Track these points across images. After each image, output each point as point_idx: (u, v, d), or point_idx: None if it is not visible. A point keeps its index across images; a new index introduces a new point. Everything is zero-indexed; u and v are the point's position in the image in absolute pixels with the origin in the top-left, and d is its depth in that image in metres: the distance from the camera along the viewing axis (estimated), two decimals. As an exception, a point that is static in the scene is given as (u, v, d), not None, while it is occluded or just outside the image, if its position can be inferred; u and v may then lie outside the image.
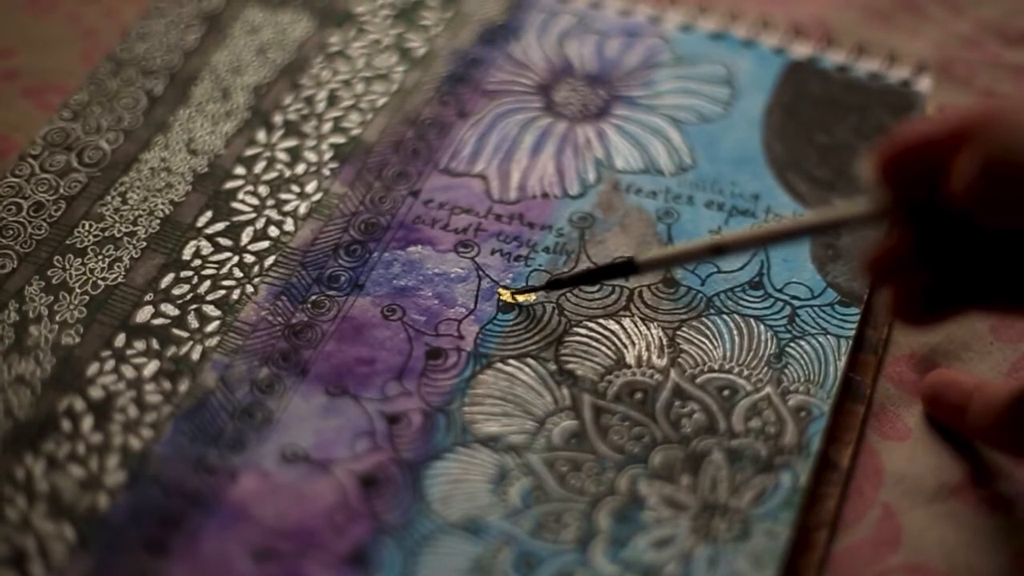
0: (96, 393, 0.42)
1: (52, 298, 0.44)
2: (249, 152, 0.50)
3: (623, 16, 0.56)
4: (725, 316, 0.44)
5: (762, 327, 0.44)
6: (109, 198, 0.48)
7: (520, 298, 0.45)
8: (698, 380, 0.43)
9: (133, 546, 0.38)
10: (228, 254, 0.46)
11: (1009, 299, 0.34)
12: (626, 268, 0.42)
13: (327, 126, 0.51)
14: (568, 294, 0.45)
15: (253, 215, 0.47)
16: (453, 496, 0.40)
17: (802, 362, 0.43)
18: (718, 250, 0.39)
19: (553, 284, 0.44)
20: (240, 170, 0.49)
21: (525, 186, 0.49)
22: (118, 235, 0.46)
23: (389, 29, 0.55)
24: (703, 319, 0.44)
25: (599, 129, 0.51)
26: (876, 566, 0.39)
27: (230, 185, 0.48)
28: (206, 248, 0.46)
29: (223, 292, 0.45)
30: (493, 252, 0.46)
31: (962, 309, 0.35)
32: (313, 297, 0.45)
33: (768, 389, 0.42)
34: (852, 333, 0.44)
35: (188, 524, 0.39)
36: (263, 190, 0.48)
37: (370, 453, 0.41)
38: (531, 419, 0.42)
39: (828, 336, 0.44)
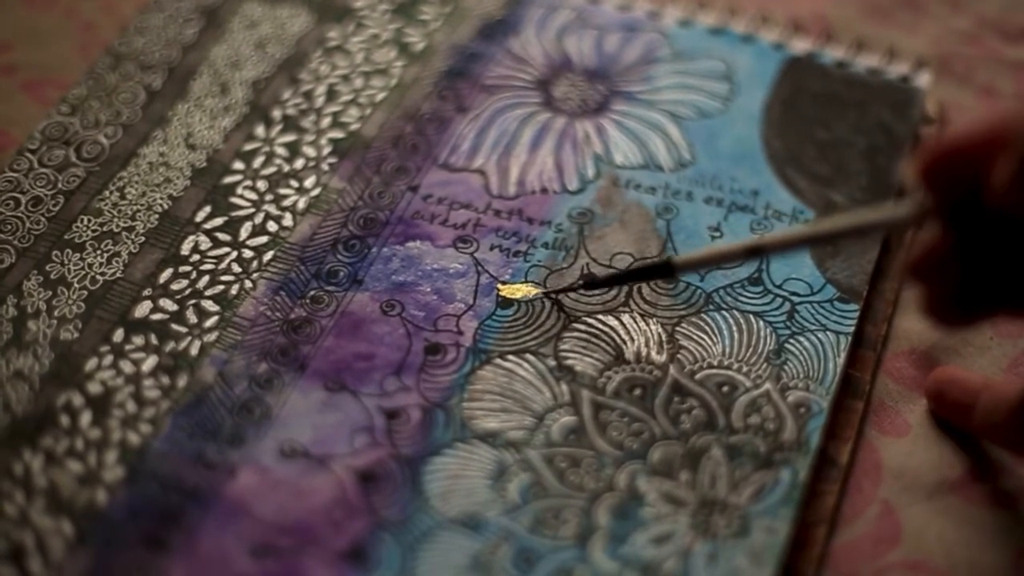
0: (94, 388, 0.42)
1: (50, 293, 0.44)
2: (248, 147, 0.49)
3: (622, 11, 0.56)
4: (724, 312, 0.44)
5: (761, 323, 0.44)
6: (107, 193, 0.48)
7: (519, 294, 0.45)
8: (697, 376, 0.43)
9: (131, 542, 0.38)
10: (227, 249, 0.46)
11: None
12: (663, 269, 0.42)
13: (326, 121, 0.50)
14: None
15: (252, 210, 0.47)
16: (452, 492, 0.40)
17: (801, 358, 0.43)
18: (756, 251, 0.39)
19: (589, 284, 0.44)
20: (239, 165, 0.49)
21: (524, 181, 0.49)
22: (116, 230, 0.46)
23: (388, 24, 0.55)
24: (702, 315, 0.44)
25: (598, 124, 0.51)
26: (875, 562, 0.39)
27: (229, 180, 0.48)
28: (204, 243, 0.46)
29: (222, 287, 0.45)
30: (492, 248, 0.46)
31: (994, 311, 0.35)
32: (312, 292, 0.45)
33: (767, 385, 0.42)
34: (851, 329, 0.44)
35: (186, 520, 0.39)
36: (262, 185, 0.48)
37: (369, 449, 0.41)
38: (530, 415, 0.42)
39: (827, 332, 0.44)
